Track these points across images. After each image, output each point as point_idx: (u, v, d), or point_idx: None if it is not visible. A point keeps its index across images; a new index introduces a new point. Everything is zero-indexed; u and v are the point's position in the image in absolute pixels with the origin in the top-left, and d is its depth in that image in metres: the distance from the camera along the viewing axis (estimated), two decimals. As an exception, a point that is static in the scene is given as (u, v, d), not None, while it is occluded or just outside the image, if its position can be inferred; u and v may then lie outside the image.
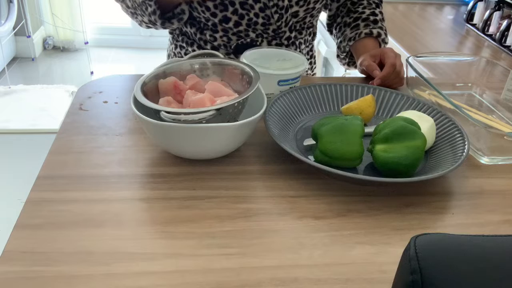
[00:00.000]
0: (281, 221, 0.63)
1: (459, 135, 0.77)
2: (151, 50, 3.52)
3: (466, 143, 0.74)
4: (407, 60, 0.96)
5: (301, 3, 0.98)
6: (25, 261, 0.54)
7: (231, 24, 0.98)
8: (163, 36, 3.56)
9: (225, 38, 1.01)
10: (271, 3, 0.95)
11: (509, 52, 1.47)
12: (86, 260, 0.55)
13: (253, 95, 0.75)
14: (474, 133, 0.78)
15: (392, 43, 1.53)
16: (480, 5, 1.70)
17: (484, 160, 0.78)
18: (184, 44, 1.08)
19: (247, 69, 0.77)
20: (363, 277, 0.56)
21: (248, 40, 1.01)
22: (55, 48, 3.43)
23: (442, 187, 0.72)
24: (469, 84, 1.07)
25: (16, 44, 3.18)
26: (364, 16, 1.06)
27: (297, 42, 1.06)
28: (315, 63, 1.19)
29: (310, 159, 0.69)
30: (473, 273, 0.33)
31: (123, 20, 3.51)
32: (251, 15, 0.96)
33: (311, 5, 1.00)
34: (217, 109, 0.66)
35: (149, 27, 1.01)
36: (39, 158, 0.75)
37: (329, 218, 0.64)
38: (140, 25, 1.01)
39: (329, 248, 0.60)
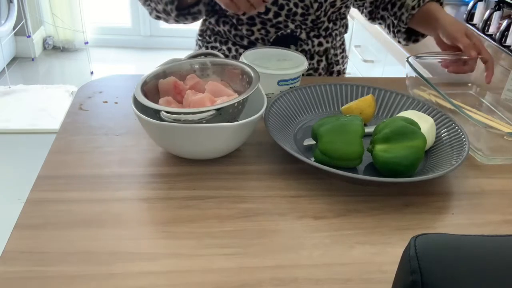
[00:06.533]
0: (281, 221, 0.63)
1: (459, 135, 0.77)
2: (151, 50, 3.51)
3: (466, 143, 0.74)
4: (407, 60, 0.96)
5: None
6: (25, 261, 0.54)
7: (270, 15, 0.97)
8: (163, 36, 3.56)
9: (263, 31, 1.01)
10: None
11: (509, 52, 1.47)
12: (86, 260, 0.55)
13: (253, 95, 0.75)
14: (474, 133, 0.78)
15: (394, 45, 1.53)
16: (480, 5, 1.70)
17: (484, 160, 0.78)
18: (217, 44, 1.07)
19: (247, 69, 0.77)
20: (363, 277, 0.56)
21: (288, 31, 1.00)
22: (55, 48, 3.42)
23: (442, 187, 0.72)
24: (469, 84, 1.07)
25: (16, 44, 3.18)
26: None
27: (333, 34, 1.06)
28: (347, 56, 1.18)
29: (310, 159, 0.69)
30: (473, 273, 0.33)
31: (123, 20, 3.51)
32: (291, 5, 0.96)
33: None
34: (217, 109, 0.66)
35: (158, 17, 1.00)
36: (39, 158, 0.75)
37: (329, 218, 0.64)
38: (150, 13, 1.00)
39: (329, 248, 0.60)
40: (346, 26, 1.12)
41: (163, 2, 0.93)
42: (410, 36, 1.11)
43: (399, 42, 1.14)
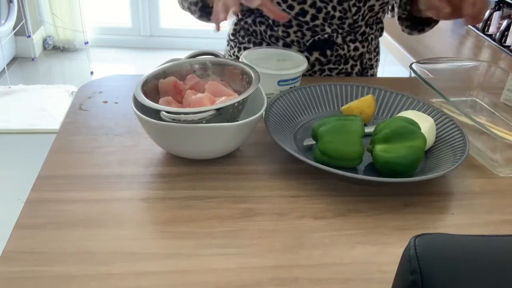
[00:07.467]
0: (281, 221, 0.63)
1: (459, 135, 0.77)
2: (151, 50, 3.51)
3: (466, 143, 0.74)
4: (410, 67, 0.95)
5: None
6: (25, 261, 0.54)
7: (307, 18, 0.97)
8: (163, 36, 3.56)
9: (299, 34, 1.00)
10: None
11: (509, 52, 1.47)
12: (86, 260, 0.55)
13: (253, 95, 0.75)
14: (491, 146, 0.76)
15: (394, 45, 1.53)
16: (480, 5, 1.69)
17: (501, 171, 0.76)
18: (251, 45, 1.06)
19: (247, 69, 0.77)
20: (363, 277, 0.56)
21: (326, 36, 1.00)
22: (55, 48, 3.42)
23: (442, 187, 0.72)
24: (472, 91, 1.06)
25: (16, 44, 3.18)
26: None
27: (369, 38, 1.05)
28: (379, 60, 1.17)
29: (310, 159, 0.69)
30: (473, 273, 0.33)
31: (123, 20, 3.52)
32: (329, 8, 0.95)
33: None
34: (217, 109, 0.66)
35: (185, 10, 1.02)
36: (39, 158, 0.75)
37: (329, 218, 0.64)
38: (179, 4, 1.03)
39: (329, 248, 0.60)
40: (381, 30, 1.11)
41: (187, 1, 0.95)
42: (416, 25, 1.07)
43: (403, 31, 1.11)
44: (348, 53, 1.04)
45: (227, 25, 1.11)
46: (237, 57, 1.10)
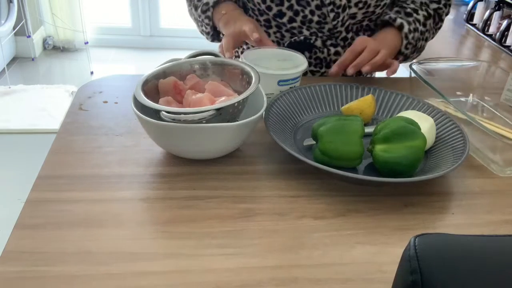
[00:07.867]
0: (281, 221, 0.63)
1: (459, 135, 0.77)
2: (151, 50, 3.51)
3: (466, 143, 0.74)
4: (410, 67, 0.95)
5: (360, 5, 0.96)
6: (25, 261, 0.54)
7: (285, 20, 0.98)
8: (163, 36, 3.56)
9: (278, 35, 1.02)
10: (328, 1, 0.94)
11: (509, 52, 1.47)
12: (86, 260, 0.55)
13: (253, 95, 0.75)
14: (491, 146, 0.76)
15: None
16: (480, 5, 1.70)
17: (501, 171, 0.76)
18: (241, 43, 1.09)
19: (247, 69, 0.77)
20: (363, 277, 0.56)
21: (302, 38, 1.00)
22: (55, 48, 3.42)
23: (442, 187, 0.72)
24: (472, 91, 1.06)
25: (16, 44, 3.18)
26: (403, 6, 1.00)
27: None
28: None
29: (310, 159, 0.69)
30: (473, 273, 0.33)
31: (123, 20, 3.51)
32: (307, 12, 0.96)
33: (371, 9, 0.98)
34: (217, 109, 0.66)
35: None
36: (39, 158, 0.75)
37: (329, 218, 0.64)
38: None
39: (329, 248, 0.60)
40: None
41: (200, 29, 1.03)
42: None
43: None
44: (328, 57, 1.04)
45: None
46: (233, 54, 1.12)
